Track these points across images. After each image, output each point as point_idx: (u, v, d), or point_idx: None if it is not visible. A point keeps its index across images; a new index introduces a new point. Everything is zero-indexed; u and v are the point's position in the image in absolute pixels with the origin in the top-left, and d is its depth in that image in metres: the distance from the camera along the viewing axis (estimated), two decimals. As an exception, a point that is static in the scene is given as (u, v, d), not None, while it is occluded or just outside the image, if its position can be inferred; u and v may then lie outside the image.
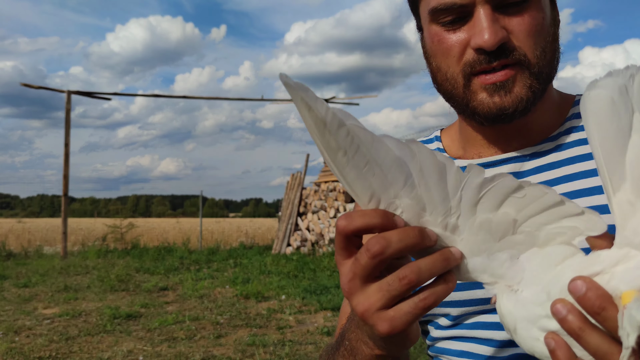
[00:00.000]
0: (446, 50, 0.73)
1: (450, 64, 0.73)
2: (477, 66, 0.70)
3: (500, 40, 0.68)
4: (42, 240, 16.04)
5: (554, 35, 0.74)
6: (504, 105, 0.70)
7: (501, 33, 0.68)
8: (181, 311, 6.17)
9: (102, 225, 17.93)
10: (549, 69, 0.73)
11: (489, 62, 0.70)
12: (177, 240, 15.37)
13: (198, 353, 4.47)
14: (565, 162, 0.74)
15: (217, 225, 26.22)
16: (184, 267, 10.35)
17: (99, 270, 9.78)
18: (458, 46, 0.72)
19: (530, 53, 0.70)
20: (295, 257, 10.67)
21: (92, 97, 13.63)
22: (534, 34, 0.70)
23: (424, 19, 0.76)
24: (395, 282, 0.47)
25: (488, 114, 0.72)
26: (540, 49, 0.71)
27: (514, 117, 0.71)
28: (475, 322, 0.76)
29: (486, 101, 0.71)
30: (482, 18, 0.68)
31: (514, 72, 0.70)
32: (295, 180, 12.95)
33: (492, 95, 0.70)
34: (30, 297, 7.14)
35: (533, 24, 0.70)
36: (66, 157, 12.72)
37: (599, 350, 0.42)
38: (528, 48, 0.70)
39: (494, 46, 0.68)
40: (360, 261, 0.47)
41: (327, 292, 7.01)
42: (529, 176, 0.75)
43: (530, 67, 0.70)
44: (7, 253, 12.69)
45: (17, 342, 4.85)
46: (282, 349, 4.55)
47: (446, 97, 0.77)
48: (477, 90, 0.72)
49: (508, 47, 0.69)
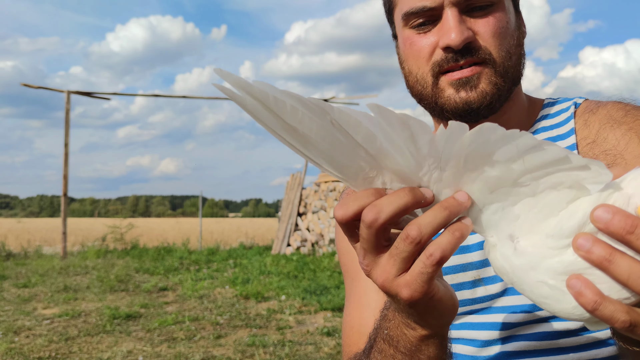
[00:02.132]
0: (417, 52, 0.78)
1: (420, 66, 0.78)
2: (444, 65, 0.75)
3: (466, 39, 0.72)
4: (42, 241, 16.04)
5: (519, 40, 0.79)
6: (469, 100, 0.74)
7: (467, 33, 0.73)
8: (181, 311, 6.16)
9: (101, 225, 17.93)
10: (515, 71, 0.77)
11: (456, 61, 0.74)
12: (176, 241, 15.36)
13: (198, 353, 4.46)
14: None
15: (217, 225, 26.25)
16: (184, 268, 10.34)
17: (99, 270, 9.77)
18: (428, 48, 0.76)
19: (495, 53, 0.74)
20: (295, 257, 10.67)
21: (91, 97, 13.62)
22: (499, 35, 0.74)
23: (397, 25, 0.81)
24: (400, 244, 0.47)
25: (455, 109, 0.75)
26: (505, 50, 0.75)
27: (480, 112, 0.75)
28: (461, 323, 0.79)
29: (453, 96, 0.75)
30: (449, 19, 0.73)
31: (480, 69, 0.74)
32: (295, 180, 12.95)
33: (458, 90, 0.75)
34: (29, 298, 7.13)
35: (498, 26, 0.74)
36: (66, 157, 12.71)
37: (632, 274, 0.40)
38: (493, 48, 0.74)
39: (460, 44, 0.72)
40: (362, 236, 0.48)
41: (327, 293, 7.01)
42: None
43: (496, 66, 0.74)
44: (7, 253, 12.68)
45: (16, 342, 4.85)
46: (282, 350, 4.54)
47: (417, 99, 0.81)
48: (445, 87, 0.76)
49: (474, 47, 0.74)
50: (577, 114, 0.80)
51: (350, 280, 0.89)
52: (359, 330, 0.84)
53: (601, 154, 0.73)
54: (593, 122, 0.77)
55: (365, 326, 0.82)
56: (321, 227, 11.60)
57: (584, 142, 0.76)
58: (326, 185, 12.10)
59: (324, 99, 15.70)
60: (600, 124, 0.76)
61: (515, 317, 0.74)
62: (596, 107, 0.79)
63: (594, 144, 0.75)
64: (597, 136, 0.75)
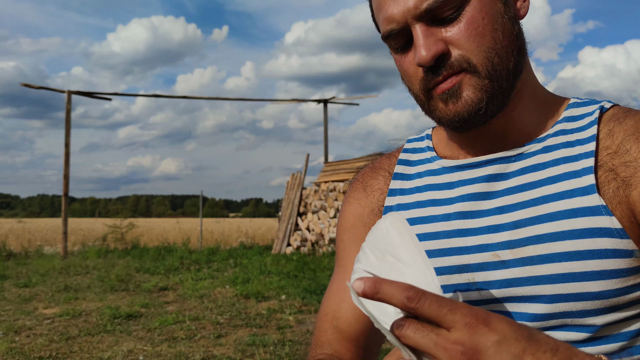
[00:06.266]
0: (405, 73, 0.76)
1: (412, 84, 0.76)
2: (428, 82, 0.73)
3: (434, 55, 0.69)
4: (43, 240, 16.04)
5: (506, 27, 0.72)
6: (457, 111, 0.72)
7: (435, 47, 0.69)
8: (181, 311, 6.17)
9: (102, 225, 17.94)
10: (506, 65, 0.72)
11: (437, 75, 0.71)
12: (177, 240, 15.37)
13: (198, 353, 4.47)
14: (549, 163, 0.73)
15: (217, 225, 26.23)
16: (184, 267, 10.35)
17: (99, 270, 9.78)
18: (411, 67, 0.74)
19: (474, 57, 0.70)
20: (295, 257, 10.67)
21: (92, 97, 13.63)
22: (475, 37, 0.70)
23: None
24: None
25: (449, 123, 0.74)
26: (486, 50, 0.70)
27: (475, 120, 0.72)
28: None
29: (443, 110, 0.73)
30: (416, 37, 0.70)
31: (459, 78, 0.71)
32: (295, 180, 12.95)
33: (446, 103, 0.73)
34: (30, 297, 7.14)
35: (472, 28, 0.70)
36: (66, 157, 12.72)
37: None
38: (471, 53, 0.70)
39: (430, 61, 0.69)
40: None
41: (327, 292, 7.01)
42: (513, 177, 0.75)
43: (478, 71, 0.70)
44: (8, 253, 12.69)
45: (17, 342, 4.86)
46: (282, 349, 4.55)
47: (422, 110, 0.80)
48: (437, 101, 0.74)
49: (448, 57, 0.70)
50: (602, 119, 0.75)
51: (338, 268, 0.90)
52: (332, 318, 0.86)
53: (621, 165, 0.70)
54: (618, 132, 0.72)
55: (339, 318, 0.85)
56: (321, 226, 11.60)
57: (605, 151, 0.71)
58: (326, 185, 12.10)
59: (325, 99, 15.70)
60: (625, 134, 0.71)
61: None
62: (624, 117, 0.74)
63: (614, 155, 0.71)
64: (619, 147, 0.71)
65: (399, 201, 0.85)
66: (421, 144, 0.90)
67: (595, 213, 0.67)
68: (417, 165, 0.87)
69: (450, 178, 0.80)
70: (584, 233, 0.67)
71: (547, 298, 0.68)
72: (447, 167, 0.82)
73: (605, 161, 0.71)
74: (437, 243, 0.77)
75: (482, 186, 0.76)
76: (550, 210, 0.70)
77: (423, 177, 0.84)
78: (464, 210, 0.76)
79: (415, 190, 0.84)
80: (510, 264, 0.70)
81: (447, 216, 0.78)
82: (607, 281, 0.65)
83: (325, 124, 15.94)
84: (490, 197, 0.75)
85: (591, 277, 0.66)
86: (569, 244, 0.67)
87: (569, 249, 0.67)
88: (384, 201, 0.87)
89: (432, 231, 0.78)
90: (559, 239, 0.68)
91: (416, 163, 0.87)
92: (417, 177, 0.85)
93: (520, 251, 0.70)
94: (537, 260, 0.68)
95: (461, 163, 0.80)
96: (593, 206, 0.67)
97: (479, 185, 0.77)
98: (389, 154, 0.94)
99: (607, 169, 0.70)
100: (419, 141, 0.91)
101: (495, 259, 0.72)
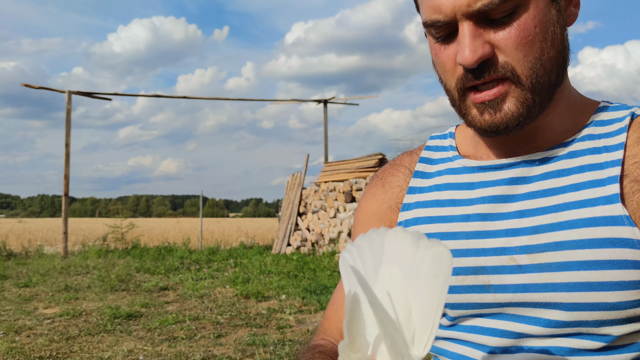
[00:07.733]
0: (441, 64, 0.74)
1: (447, 78, 0.74)
2: (467, 82, 0.71)
3: (480, 58, 0.67)
4: (43, 240, 16.06)
5: (557, 36, 0.70)
6: (494, 123, 0.71)
7: (482, 50, 0.67)
8: (181, 311, 6.17)
9: (102, 225, 17.95)
10: (548, 77, 0.70)
11: (478, 77, 0.69)
12: (177, 240, 15.38)
13: (198, 353, 4.47)
14: (574, 170, 0.72)
15: (217, 225, 26.25)
16: (184, 267, 10.36)
17: (100, 270, 9.79)
18: (450, 62, 0.72)
19: (519, 67, 0.68)
20: (295, 257, 10.68)
21: (92, 97, 13.64)
22: (524, 45, 0.67)
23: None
24: None
25: (481, 130, 0.73)
26: (532, 61, 0.68)
27: (510, 131, 0.71)
28: (471, 325, 0.76)
29: (477, 118, 0.72)
30: (462, 35, 0.68)
31: (505, 89, 0.69)
32: (295, 180, 12.95)
33: (482, 113, 0.71)
34: (30, 297, 7.14)
35: (522, 36, 0.67)
36: (67, 157, 12.73)
37: None
38: (517, 62, 0.67)
39: (473, 64, 0.67)
40: None
41: (327, 292, 7.01)
42: (536, 182, 0.74)
43: (521, 82, 0.68)
44: (8, 253, 12.70)
45: (17, 341, 4.86)
46: (282, 349, 4.56)
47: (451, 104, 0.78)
48: (470, 106, 0.72)
49: (493, 62, 0.68)
50: (632, 126, 0.72)
51: None
52: (337, 308, 0.90)
53: None
54: None
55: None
56: (321, 226, 11.60)
57: (631, 160, 0.69)
58: (326, 185, 12.10)
59: (325, 99, 15.71)
60: None
61: (526, 328, 0.70)
62: None
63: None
64: None
65: (418, 199, 0.84)
66: (444, 142, 0.89)
67: (617, 223, 0.66)
68: (438, 163, 0.87)
69: (471, 178, 0.80)
70: (605, 242, 0.65)
71: (563, 306, 0.66)
72: (468, 167, 0.81)
73: (630, 170, 0.69)
74: (455, 243, 0.76)
75: (504, 189, 0.75)
76: (571, 218, 0.68)
77: (443, 175, 0.84)
78: (483, 212, 0.76)
79: (435, 188, 0.83)
80: (527, 269, 0.69)
81: (466, 217, 0.77)
82: (625, 292, 0.64)
83: (325, 124, 15.95)
84: (511, 200, 0.74)
85: (609, 287, 0.64)
86: (588, 253, 0.66)
87: (587, 258, 0.65)
88: (403, 198, 0.87)
89: (450, 231, 0.77)
90: (578, 247, 0.66)
91: (437, 161, 0.87)
92: (437, 175, 0.85)
93: (538, 257, 0.69)
94: (554, 267, 0.67)
95: (483, 164, 0.79)
96: (615, 216, 0.66)
97: (500, 187, 0.76)
98: (411, 152, 0.93)
99: (633, 178, 0.68)
100: (442, 139, 0.90)
101: (512, 263, 0.71)
